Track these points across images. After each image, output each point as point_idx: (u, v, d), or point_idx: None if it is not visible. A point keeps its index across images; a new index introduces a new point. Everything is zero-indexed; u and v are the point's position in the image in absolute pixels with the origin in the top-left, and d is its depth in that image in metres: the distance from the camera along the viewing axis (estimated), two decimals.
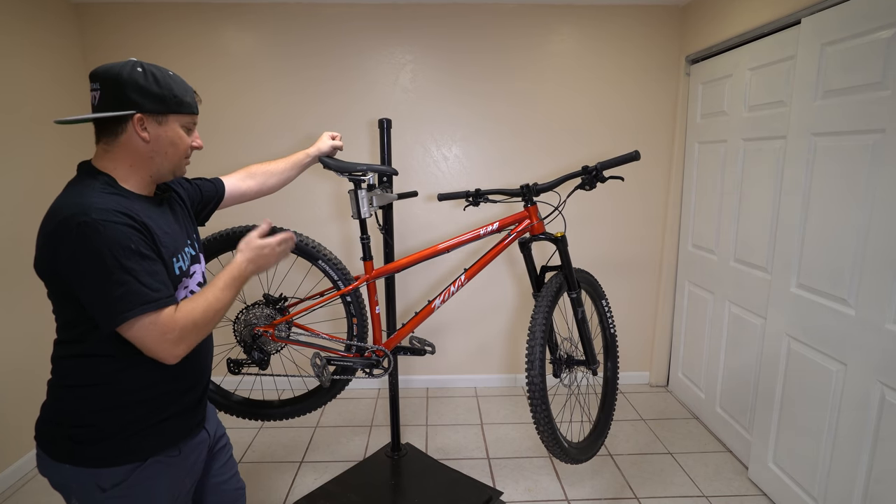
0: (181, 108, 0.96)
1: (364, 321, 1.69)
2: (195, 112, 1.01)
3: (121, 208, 0.87)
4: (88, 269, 0.83)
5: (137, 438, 0.96)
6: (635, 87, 2.63)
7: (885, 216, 1.43)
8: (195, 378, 1.07)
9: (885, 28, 1.43)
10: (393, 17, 2.52)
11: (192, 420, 1.07)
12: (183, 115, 0.97)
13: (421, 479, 1.98)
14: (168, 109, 0.94)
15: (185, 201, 1.15)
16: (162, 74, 0.94)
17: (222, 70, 2.53)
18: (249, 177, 1.37)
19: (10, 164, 2.05)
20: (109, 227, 0.83)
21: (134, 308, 0.83)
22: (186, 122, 0.99)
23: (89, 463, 0.93)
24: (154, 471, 0.98)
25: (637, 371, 2.96)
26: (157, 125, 0.94)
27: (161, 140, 0.95)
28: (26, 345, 2.10)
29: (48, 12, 2.28)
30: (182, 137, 0.99)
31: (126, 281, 0.83)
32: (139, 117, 0.91)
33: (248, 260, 1.06)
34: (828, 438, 1.64)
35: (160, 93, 0.93)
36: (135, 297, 0.84)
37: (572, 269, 1.61)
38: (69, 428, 0.94)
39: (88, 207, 0.83)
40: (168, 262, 0.94)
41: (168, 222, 1.01)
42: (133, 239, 0.85)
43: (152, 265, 0.88)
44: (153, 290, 0.86)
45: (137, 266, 0.85)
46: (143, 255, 0.87)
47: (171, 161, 0.99)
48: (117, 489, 0.94)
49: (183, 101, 0.96)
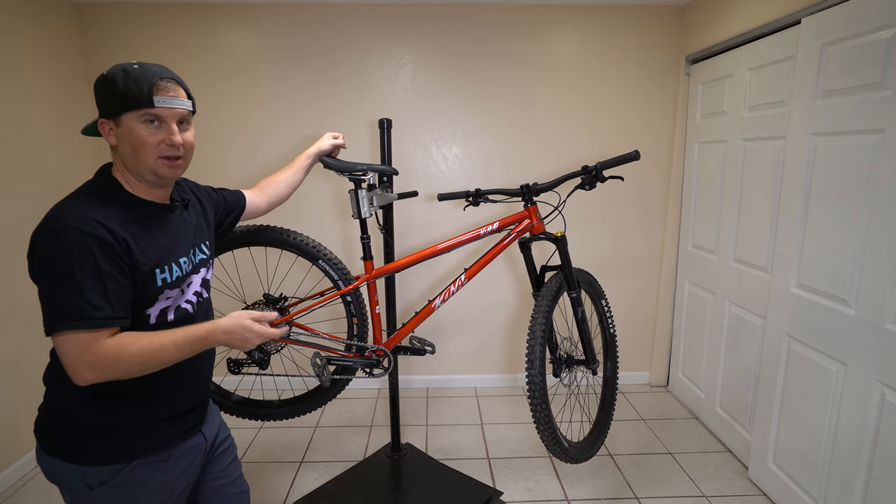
0: (130, 105, 0.88)
1: (364, 321, 1.69)
2: (146, 105, 0.88)
3: (101, 218, 0.85)
4: (42, 272, 0.84)
5: (122, 439, 0.95)
6: (635, 87, 2.63)
7: (885, 216, 1.43)
8: (187, 384, 1.05)
9: (885, 28, 1.43)
10: (393, 17, 2.52)
11: (184, 424, 1.05)
12: (134, 111, 0.88)
13: (421, 479, 1.98)
14: (120, 108, 0.89)
15: (207, 208, 1.15)
16: (114, 73, 0.90)
17: (222, 70, 2.53)
18: (260, 192, 1.39)
19: (9, 165, 2.05)
20: (73, 236, 0.82)
21: (66, 321, 0.82)
22: (142, 117, 0.89)
23: (76, 460, 0.93)
24: (140, 473, 0.97)
25: (637, 371, 2.96)
26: (116, 126, 0.91)
27: (122, 140, 0.91)
28: (26, 343, 2.10)
29: (48, 12, 2.28)
30: (138, 135, 0.89)
31: (68, 293, 0.82)
32: (102, 122, 0.92)
33: (227, 332, 0.98)
34: (828, 438, 1.64)
35: (112, 93, 0.89)
36: (69, 311, 0.81)
37: (572, 269, 1.61)
38: (61, 423, 0.95)
39: (67, 213, 0.84)
40: (145, 275, 0.91)
41: (166, 231, 0.98)
42: (94, 251, 0.83)
43: (107, 283, 0.84)
44: (95, 307, 0.83)
45: (88, 281, 0.82)
46: (100, 271, 0.83)
47: (140, 161, 0.91)
48: (104, 488, 0.94)
49: (128, 95, 0.88)
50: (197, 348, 0.94)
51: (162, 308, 0.97)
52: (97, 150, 2.50)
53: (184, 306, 1.01)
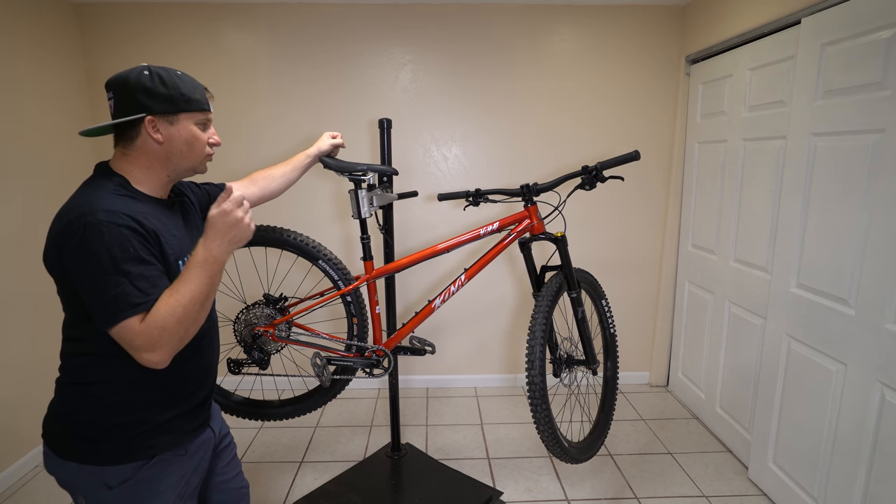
0: (190, 106, 0.97)
1: (364, 321, 1.69)
2: (206, 109, 1.01)
3: (128, 211, 0.88)
4: (88, 268, 0.84)
5: (144, 437, 0.96)
6: (635, 87, 2.63)
7: (885, 216, 1.43)
8: (202, 377, 1.08)
9: (885, 28, 1.43)
10: (393, 17, 2.52)
11: (198, 419, 1.07)
12: (194, 113, 0.98)
13: (421, 479, 1.98)
14: (177, 109, 0.95)
15: (196, 206, 1.16)
16: (168, 75, 0.95)
17: (223, 70, 2.53)
18: (252, 183, 1.38)
19: (8, 166, 2.05)
20: (113, 230, 0.84)
21: (123, 310, 0.84)
22: (199, 120, 1.00)
23: (96, 460, 0.93)
24: (160, 469, 0.98)
25: (637, 371, 2.96)
26: (168, 125, 0.96)
27: (174, 140, 0.97)
28: (26, 344, 2.10)
29: (48, 12, 2.28)
30: (196, 135, 0.99)
31: (120, 284, 0.84)
32: (150, 119, 0.93)
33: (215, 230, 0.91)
34: (828, 438, 1.64)
35: (167, 93, 0.94)
36: (124, 301, 0.84)
37: (572, 269, 1.61)
38: (76, 425, 0.94)
39: (96, 208, 0.85)
40: (172, 265, 0.95)
41: (177, 226, 1.02)
42: (133, 243, 0.86)
43: (149, 269, 0.88)
44: (146, 293, 0.86)
45: (134, 270, 0.85)
46: (142, 260, 0.87)
47: (189, 159, 1.00)
48: (124, 486, 0.94)
49: (192, 98, 0.97)
50: (210, 268, 0.90)
51: None
52: (97, 149, 2.50)
53: None
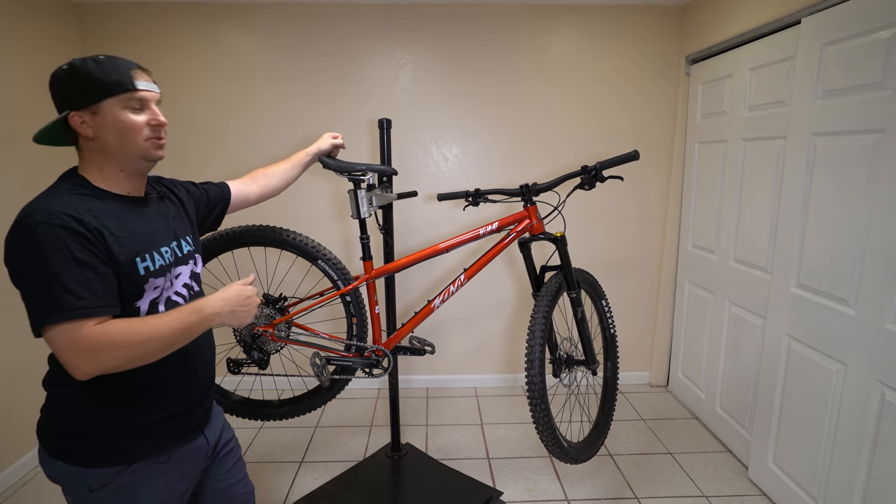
0: (110, 90, 0.89)
1: (364, 321, 1.69)
2: (130, 88, 0.91)
3: (73, 211, 0.84)
4: (20, 269, 0.83)
5: (122, 441, 0.95)
6: (635, 87, 2.63)
7: (885, 216, 1.43)
8: (184, 382, 1.04)
9: (885, 28, 1.43)
10: (393, 18, 2.52)
11: (184, 426, 1.05)
12: (118, 97, 0.90)
13: (421, 479, 1.98)
14: (97, 97, 0.89)
15: (185, 203, 1.13)
16: (84, 64, 0.89)
17: (223, 71, 2.53)
18: (252, 181, 1.37)
19: (8, 167, 2.05)
20: (47, 230, 0.81)
21: (51, 315, 0.80)
22: (126, 103, 0.91)
23: (77, 462, 0.93)
24: (140, 475, 0.97)
25: (637, 371, 2.96)
26: (93, 116, 0.90)
27: (103, 130, 0.90)
28: (26, 344, 2.10)
29: (48, 13, 2.28)
30: (125, 120, 0.91)
31: (49, 287, 0.81)
32: (72, 115, 0.89)
33: (224, 299, 0.97)
34: (828, 438, 1.64)
35: (84, 83, 0.89)
36: (54, 304, 0.81)
37: (572, 269, 1.61)
38: (59, 425, 0.95)
39: (38, 210, 0.83)
40: (125, 264, 0.90)
41: (144, 222, 0.97)
42: (69, 244, 0.82)
43: (86, 272, 0.83)
44: (78, 297, 0.81)
45: (66, 272, 0.81)
46: (77, 261, 0.82)
47: (127, 147, 0.92)
48: (104, 490, 0.94)
49: (108, 81, 0.89)
50: (193, 322, 0.91)
51: (151, 299, 0.96)
52: None
53: (174, 299, 1.01)
